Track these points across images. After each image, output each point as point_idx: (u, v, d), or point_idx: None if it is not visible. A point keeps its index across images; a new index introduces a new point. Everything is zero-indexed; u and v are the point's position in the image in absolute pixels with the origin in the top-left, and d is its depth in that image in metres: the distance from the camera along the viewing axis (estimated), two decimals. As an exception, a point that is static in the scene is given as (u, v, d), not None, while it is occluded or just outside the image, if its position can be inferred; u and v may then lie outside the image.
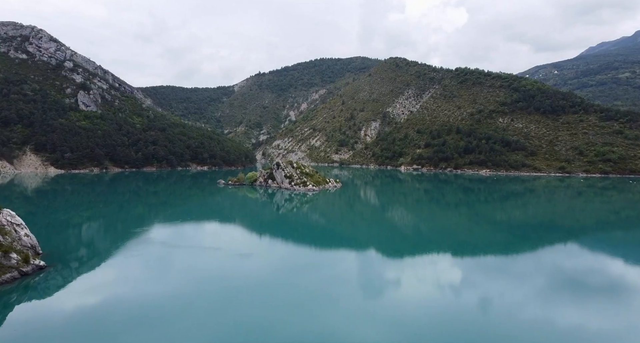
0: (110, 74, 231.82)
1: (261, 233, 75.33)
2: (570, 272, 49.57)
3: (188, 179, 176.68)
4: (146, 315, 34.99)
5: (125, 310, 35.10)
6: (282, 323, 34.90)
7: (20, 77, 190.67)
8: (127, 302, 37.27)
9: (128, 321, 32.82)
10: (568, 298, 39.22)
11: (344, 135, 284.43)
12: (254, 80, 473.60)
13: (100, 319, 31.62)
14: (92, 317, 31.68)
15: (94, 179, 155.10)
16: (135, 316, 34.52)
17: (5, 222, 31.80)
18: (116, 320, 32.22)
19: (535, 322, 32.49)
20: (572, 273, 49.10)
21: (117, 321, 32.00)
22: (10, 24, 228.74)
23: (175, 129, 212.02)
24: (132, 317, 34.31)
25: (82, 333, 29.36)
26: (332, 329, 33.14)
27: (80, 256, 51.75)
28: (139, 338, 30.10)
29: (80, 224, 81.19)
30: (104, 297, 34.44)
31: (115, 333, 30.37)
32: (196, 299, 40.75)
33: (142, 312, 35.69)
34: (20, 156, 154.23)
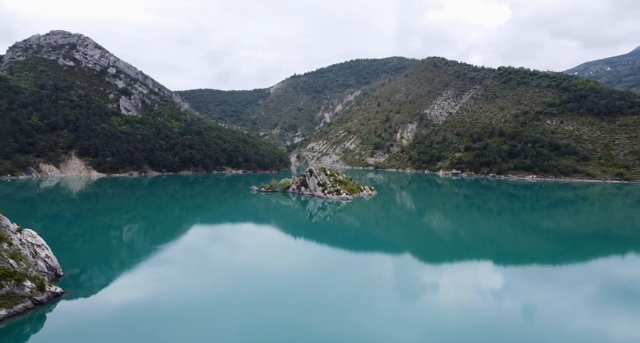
0: (150, 79, 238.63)
1: (295, 237, 76.80)
2: (626, 284, 45.08)
3: (223, 183, 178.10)
4: (182, 314, 35.92)
5: (153, 320, 34.66)
6: (317, 324, 35.17)
7: (67, 84, 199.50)
8: (155, 311, 36.96)
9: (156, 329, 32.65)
10: (621, 311, 35.95)
11: (380, 137, 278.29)
12: (289, 82, 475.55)
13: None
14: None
15: (134, 183, 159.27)
16: (169, 316, 35.10)
17: (25, 243, 30.46)
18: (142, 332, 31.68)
19: (584, 333, 30.83)
20: (628, 286, 44.64)
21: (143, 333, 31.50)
22: (59, 32, 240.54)
23: (211, 132, 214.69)
24: (165, 317, 34.98)
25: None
26: (367, 332, 32.87)
27: (106, 272, 51.05)
28: (175, 337, 30.95)
29: (120, 226, 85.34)
30: (122, 322, 32.57)
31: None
32: (231, 299, 42.27)
33: (178, 312, 36.35)
34: (65, 160, 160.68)
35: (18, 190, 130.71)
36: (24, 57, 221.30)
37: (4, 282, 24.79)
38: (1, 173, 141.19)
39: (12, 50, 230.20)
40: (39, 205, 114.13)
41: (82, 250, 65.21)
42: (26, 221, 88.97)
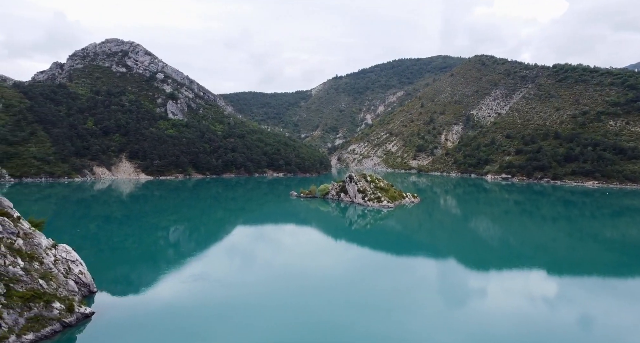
0: (195, 83, 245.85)
1: (335, 240, 77.97)
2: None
3: (264, 186, 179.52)
4: (225, 314, 37.54)
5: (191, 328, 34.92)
6: (358, 325, 35.27)
7: (119, 89, 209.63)
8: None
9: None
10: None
11: (423, 139, 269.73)
12: (331, 83, 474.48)
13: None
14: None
15: (179, 185, 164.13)
16: (213, 319, 36.33)
17: (59, 259, 30.20)
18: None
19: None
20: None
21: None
22: (113, 40, 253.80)
23: (253, 135, 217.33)
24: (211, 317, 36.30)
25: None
26: (412, 335, 32.62)
27: (144, 279, 51.61)
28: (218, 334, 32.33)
29: (167, 228, 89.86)
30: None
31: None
32: (274, 298, 43.50)
33: (222, 313, 38.04)
34: (116, 163, 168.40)
35: (74, 192, 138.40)
36: (81, 64, 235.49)
37: (32, 304, 24.24)
38: (59, 175, 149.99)
39: (72, 59, 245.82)
40: (93, 206, 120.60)
41: (129, 250, 69.61)
42: (81, 221, 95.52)
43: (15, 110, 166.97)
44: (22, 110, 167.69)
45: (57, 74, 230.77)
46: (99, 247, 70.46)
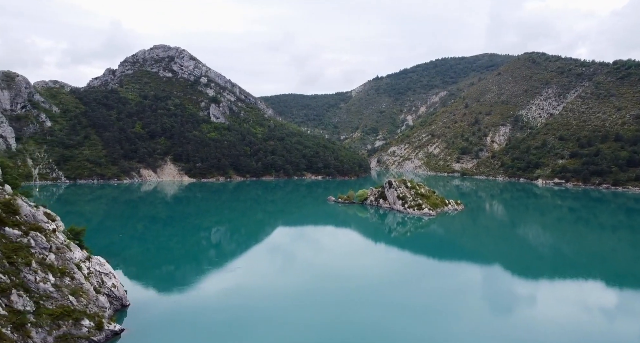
0: (237, 87, 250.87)
1: (375, 242, 77.88)
2: None
3: (302, 189, 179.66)
4: (267, 316, 38.28)
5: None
6: (401, 326, 34.89)
7: (165, 94, 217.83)
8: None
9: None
10: None
11: (467, 141, 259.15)
12: (371, 84, 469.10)
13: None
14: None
15: (220, 188, 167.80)
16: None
17: (93, 272, 30.23)
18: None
19: None
20: None
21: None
22: (160, 46, 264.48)
23: (292, 138, 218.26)
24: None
25: None
26: (453, 339, 32.33)
27: (181, 286, 52.01)
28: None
29: (208, 228, 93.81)
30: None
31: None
32: (315, 298, 44.38)
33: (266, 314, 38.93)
34: (162, 166, 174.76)
35: (122, 193, 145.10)
36: (131, 70, 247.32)
37: (61, 322, 24.08)
38: (109, 177, 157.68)
39: (123, 65, 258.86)
40: (139, 207, 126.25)
41: (173, 250, 72.62)
42: (129, 221, 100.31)
43: (71, 115, 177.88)
44: (77, 115, 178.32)
45: (109, 80, 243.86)
46: (145, 246, 75.39)
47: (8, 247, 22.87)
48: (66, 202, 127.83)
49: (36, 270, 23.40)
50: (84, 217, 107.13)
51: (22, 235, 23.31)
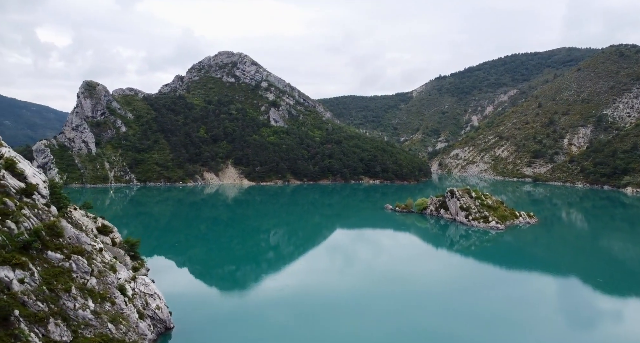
0: (296, 90, 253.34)
1: (437, 247, 76.28)
2: None
3: (360, 193, 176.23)
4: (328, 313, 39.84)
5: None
6: (469, 337, 33.67)
7: (228, 99, 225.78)
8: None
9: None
10: None
11: (540, 144, 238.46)
12: (433, 84, 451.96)
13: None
14: None
15: (278, 191, 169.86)
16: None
17: (137, 293, 29.84)
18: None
19: None
20: None
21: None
22: (224, 53, 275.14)
23: (350, 141, 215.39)
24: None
25: None
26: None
27: (232, 295, 52.08)
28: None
29: (267, 231, 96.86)
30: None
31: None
32: (375, 302, 44.58)
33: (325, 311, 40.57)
34: (223, 169, 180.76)
35: (187, 195, 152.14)
36: (197, 77, 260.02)
37: (99, 351, 23.46)
38: (175, 180, 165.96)
39: (190, 72, 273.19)
40: (203, 209, 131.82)
41: (234, 251, 76.46)
42: (193, 222, 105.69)
43: (143, 120, 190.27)
44: (148, 121, 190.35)
45: (178, 86, 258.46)
46: (208, 246, 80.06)
47: (49, 272, 22.46)
48: (138, 204, 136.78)
49: (76, 296, 22.83)
50: (152, 218, 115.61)
51: (64, 259, 22.90)
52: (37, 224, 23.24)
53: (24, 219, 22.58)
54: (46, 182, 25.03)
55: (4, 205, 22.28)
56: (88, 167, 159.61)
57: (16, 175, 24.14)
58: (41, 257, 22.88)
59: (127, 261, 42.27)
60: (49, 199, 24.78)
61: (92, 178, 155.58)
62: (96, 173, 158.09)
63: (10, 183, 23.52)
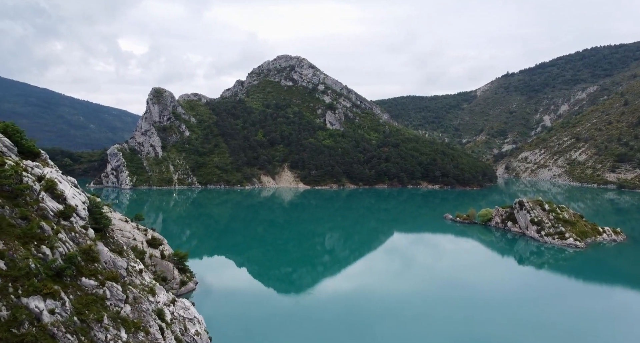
0: (353, 93, 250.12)
1: (503, 259, 72.09)
2: None
3: (417, 199, 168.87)
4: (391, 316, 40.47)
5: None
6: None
7: (286, 102, 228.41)
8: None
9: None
10: None
11: (626, 146, 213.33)
12: (500, 82, 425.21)
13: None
14: None
15: (333, 195, 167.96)
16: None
17: (176, 318, 28.79)
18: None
19: None
20: None
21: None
22: (283, 57, 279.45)
23: (408, 144, 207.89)
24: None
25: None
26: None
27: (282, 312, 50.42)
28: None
29: (322, 234, 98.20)
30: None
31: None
32: (436, 305, 44.78)
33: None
34: (280, 172, 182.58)
35: (245, 198, 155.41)
36: (257, 81, 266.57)
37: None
38: (234, 183, 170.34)
39: (250, 76, 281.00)
40: (260, 211, 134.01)
41: (290, 253, 78.13)
42: (251, 224, 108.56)
43: (205, 125, 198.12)
44: (210, 125, 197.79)
45: (238, 91, 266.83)
46: (265, 247, 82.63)
47: (81, 300, 21.53)
48: (199, 205, 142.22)
49: (108, 326, 21.76)
50: (213, 219, 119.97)
51: (97, 286, 21.96)
52: (73, 249, 22.51)
53: (60, 244, 21.89)
54: (86, 203, 24.56)
55: (40, 230, 21.60)
56: (155, 169, 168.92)
57: (55, 197, 23.70)
58: (74, 284, 22.01)
59: (175, 274, 41.95)
60: (87, 221, 24.23)
61: (158, 181, 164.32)
62: (162, 176, 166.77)
63: (48, 206, 23.06)
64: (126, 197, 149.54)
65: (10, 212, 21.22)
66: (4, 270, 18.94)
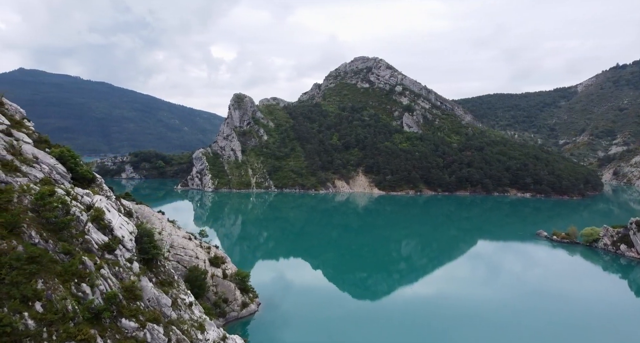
0: (433, 93, 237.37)
1: (614, 284, 64.59)
2: None
3: (505, 208, 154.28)
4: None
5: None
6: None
7: (362, 105, 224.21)
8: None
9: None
10: None
11: None
12: (607, 75, 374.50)
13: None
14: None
15: (409, 201, 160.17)
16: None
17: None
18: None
19: None
20: None
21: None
22: (360, 58, 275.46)
23: (494, 147, 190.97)
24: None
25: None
26: None
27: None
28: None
29: (398, 241, 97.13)
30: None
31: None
32: (526, 315, 44.31)
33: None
34: (354, 177, 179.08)
35: (319, 202, 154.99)
36: (333, 84, 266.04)
37: None
38: (308, 187, 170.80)
39: (327, 79, 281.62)
40: (334, 216, 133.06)
41: (365, 258, 78.14)
42: (325, 228, 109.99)
43: (282, 129, 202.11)
44: (287, 129, 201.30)
45: (315, 94, 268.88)
46: (339, 251, 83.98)
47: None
48: (275, 208, 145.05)
49: (146, 375, 19.93)
50: (288, 222, 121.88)
51: (138, 328, 20.51)
52: (115, 287, 21.23)
53: (101, 281, 20.73)
54: (133, 233, 23.43)
55: (82, 266, 20.49)
56: (234, 173, 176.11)
57: (101, 228, 22.77)
58: (113, 326, 20.61)
59: (236, 295, 40.69)
60: (134, 252, 22.99)
61: (237, 184, 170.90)
62: (241, 179, 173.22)
63: (93, 238, 22.10)
64: (208, 199, 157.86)
65: (54, 246, 20.46)
66: (40, 313, 17.87)
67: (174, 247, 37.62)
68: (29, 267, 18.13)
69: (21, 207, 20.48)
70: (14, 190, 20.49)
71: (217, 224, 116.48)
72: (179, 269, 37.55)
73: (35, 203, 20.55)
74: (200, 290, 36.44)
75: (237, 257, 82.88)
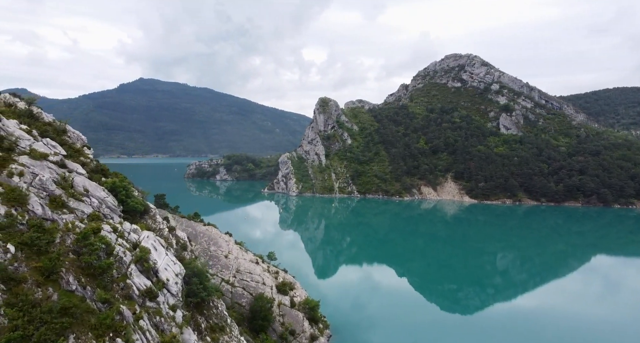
0: (536, 91, 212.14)
1: None
2: None
3: (629, 223, 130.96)
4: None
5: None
6: None
7: (452, 105, 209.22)
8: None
9: None
10: None
11: None
12: None
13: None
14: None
15: (506, 212, 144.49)
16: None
17: None
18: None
19: None
20: None
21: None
22: (452, 56, 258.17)
23: (613, 151, 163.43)
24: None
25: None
26: None
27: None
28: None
29: (493, 254, 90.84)
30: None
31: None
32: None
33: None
34: (442, 183, 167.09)
35: (404, 209, 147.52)
36: (422, 84, 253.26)
37: None
38: (392, 193, 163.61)
39: (415, 79, 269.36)
40: (419, 224, 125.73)
41: (455, 269, 74.59)
42: (410, 237, 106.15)
43: (366, 132, 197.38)
44: (371, 133, 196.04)
45: (402, 95, 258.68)
46: (426, 261, 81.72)
47: None
48: (358, 214, 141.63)
49: None
50: (371, 229, 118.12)
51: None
52: (153, 342, 18.63)
53: (138, 336, 18.40)
54: (180, 275, 21.17)
55: (120, 316, 18.33)
56: (318, 177, 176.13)
57: (145, 271, 20.74)
58: (149, 389, 18.02)
59: (304, 327, 37.56)
60: (179, 297, 20.72)
61: (321, 188, 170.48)
62: (324, 184, 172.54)
63: (135, 283, 20.06)
64: (292, 202, 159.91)
65: (92, 293, 18.63)
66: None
67: (240, 272, 35.72)
68: (60, 321, 16.47)
69: (62, 249, 19.14)
70: (58, 229, 19.29)
71: (301, 228, 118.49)
72: (245, 296, 35.52)
73: (76, 244, 19.14)
74: (264, 321, 33.89)
75: (320, 261, 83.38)
